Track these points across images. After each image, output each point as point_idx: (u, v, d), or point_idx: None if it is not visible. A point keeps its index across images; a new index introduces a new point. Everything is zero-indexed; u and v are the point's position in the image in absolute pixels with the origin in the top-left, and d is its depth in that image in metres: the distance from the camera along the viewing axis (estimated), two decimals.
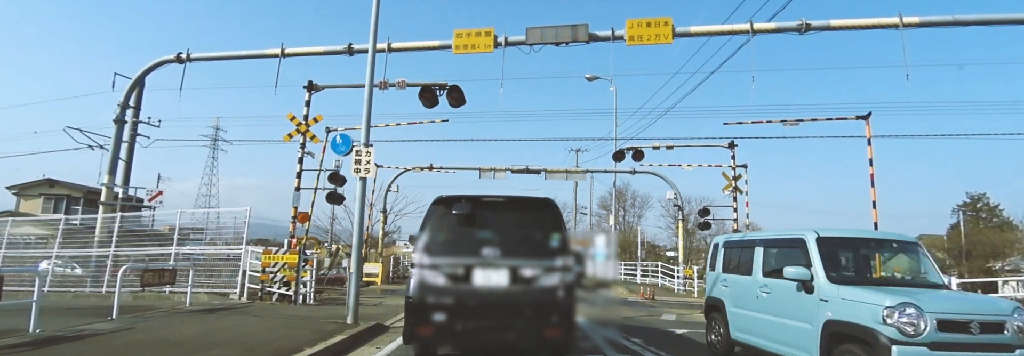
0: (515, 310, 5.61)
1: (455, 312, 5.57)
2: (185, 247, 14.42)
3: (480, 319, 5.63)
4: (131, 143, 19.26)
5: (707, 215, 21.71)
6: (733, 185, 21.94)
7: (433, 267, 5.72)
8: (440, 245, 5.90)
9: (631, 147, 22.32)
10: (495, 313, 5.64)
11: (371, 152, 9.96)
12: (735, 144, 22.30)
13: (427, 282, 5.68)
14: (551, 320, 5.57)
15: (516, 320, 5.62)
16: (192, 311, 10.69)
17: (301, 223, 15.62)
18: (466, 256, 5.78)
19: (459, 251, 5.85)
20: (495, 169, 26.55)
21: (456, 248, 5.89)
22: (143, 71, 17.49)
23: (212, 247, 14.31)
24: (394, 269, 26.90)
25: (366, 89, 10.03)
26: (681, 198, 26.08)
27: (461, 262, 5.73)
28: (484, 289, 5.63)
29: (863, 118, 14.57)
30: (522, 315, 5.60)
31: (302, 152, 16.25)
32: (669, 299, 20.43)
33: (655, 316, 13.59)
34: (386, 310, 12.48)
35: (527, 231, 6.13)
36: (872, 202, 14.14)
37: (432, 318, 5.54)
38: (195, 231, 15.58)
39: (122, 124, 17.65)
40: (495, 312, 5.64)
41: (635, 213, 65.53)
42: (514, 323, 5.63)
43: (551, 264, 5.70)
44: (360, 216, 9.87)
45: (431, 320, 5.55)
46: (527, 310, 5.60)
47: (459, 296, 5.62)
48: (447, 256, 5.80)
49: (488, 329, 5.66)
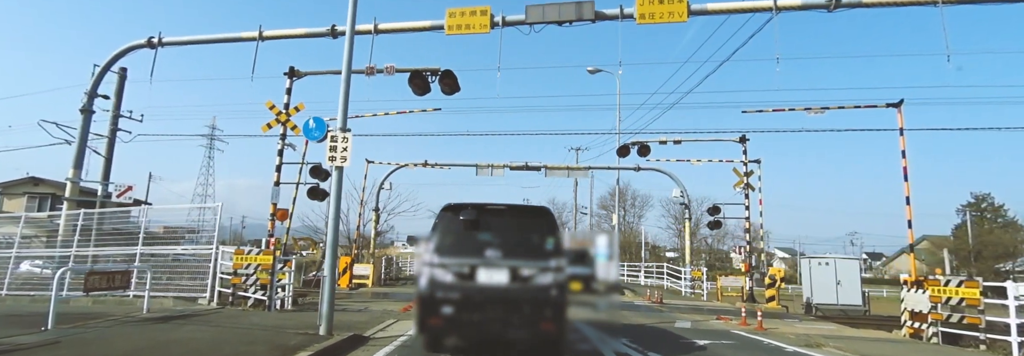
0: (514, 305, 6.17)
1: (461, 306, 6.13)
2: (153, 247, 13.11)
3: (483, 312, 6.18)
4: (111, 138, 18.28)
5: (717, 213, 20.48)
6: (745, 182, 20.72)
7: (442, 266, 6.31)
8: (448, 247, 6.51)
9: (636, 142, 21.11)
10: (496, 307, 6.18)
11: (349, 138, 8.69)
12: (747, 138, 21.12)
13: (437, 279, 6.25)
14: (546, 314, 6.13)
15: (514, 314, 6.16)
16: (145, 319, 9.40)
17: (280, 221, 14.35)
18: (471, 256, 6.38)
19: (465, 252, 6.46)
20: (493, 166, 25.35)
21: (462, 249, 6.51)
22: (112, 57, 16.20)
23: (181, 247, 13.02)
24: (387, 270, 25.58)
25: (344, 61, 8.75)
26: (688, 196, 24.82)
27: (467, 262, 6.32)
28: (487, 286, 6.22)
29: (895, 106, 13.31)
30: (520, 310, 6.16)
31: (282, 144, 15.00)
32: (678, 303, 19.17)
33: (668, 323, 12.33)
34: (370, 317, 11.20)
35: (525, 235, 6.85)
36: (906, 198, 12.89)
37: (441, 311, 6.10)
38: (190, 232, 14.43)
39: (89, 114, 16.37)
40: (496, 306, 6.18)
41: (635, 213, 64.42)
42: (513, 317, 6.16)
43: (546, 265, 6.31)
44: (335, 211, 8.60)
45: (440, 313, 6.09)
46: (524, 305, 6.17)
47: (465, 292, 6.18)
48: (454, 256, 6.38)
49: (490, 321, 6.21)
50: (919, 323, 11.59)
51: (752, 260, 20.71)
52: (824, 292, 19.08)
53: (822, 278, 19.26)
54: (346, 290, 20.69)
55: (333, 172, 8.72)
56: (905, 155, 13.03)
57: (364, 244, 26.47)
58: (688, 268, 24.16)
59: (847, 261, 19.72)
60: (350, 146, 8.69)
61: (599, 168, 25.65)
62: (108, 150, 18.37)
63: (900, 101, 13.32)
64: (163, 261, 13.23)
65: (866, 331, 13.10)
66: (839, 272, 19.26)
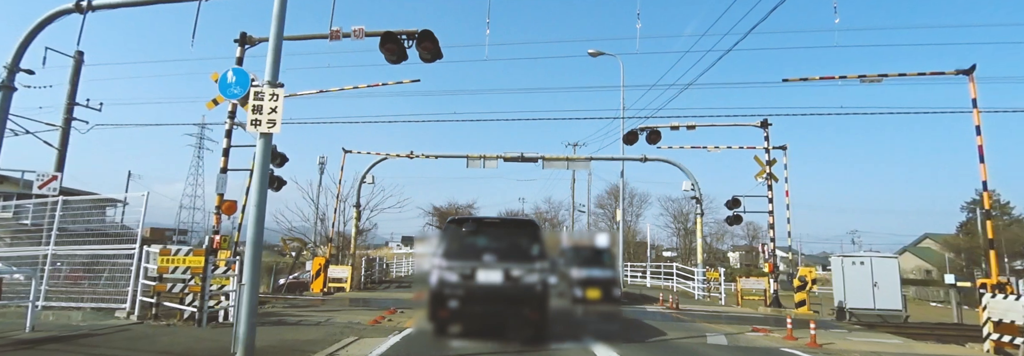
0: (506, 299, 7.92)
1: (464, 300, 7.79)
2: (65, 248, 10.71)
3: (482, 305, 7.90)
4: (66, 128, 16.79)
5: (737, 207, 18.20)
6: (767, 171, 18.46)
7: (449, 268, 7.93)
8: (453, 253, 8.16)
9: (645, 127, 18.82)
10: (492, 301, 7.92)
11: (279, 96, 6.35)
12: (769, 123, 18.86)
13: (445, 279, 7.87)
14: (532, 306, 7.89)
15: (507, 306, 7.97)
16: (10, 343, 7.03)
17: (227, 215, 11.95)
18: (472, 260, 8.08)
19: (467, 257, 8.14)
20: (485, 157, 23.04)
21: (465, 255, 8.19)
22: (36, 24, 13.69)
23: (101, 247, 10.58)
24: (368, 272, 23.13)
25: None
26: (699, 189, 22.54)
27: (469, 265, 7.98)
28: (484, 284, 7.90)
29: (965, 72, 11.06)
30: (511, 302, 7.92)
31: (231, 123, 12.63)
32: (696, 308, 16.87)
33: (697, 337, 10.03)
34: (326, 333, 8.85)
35: (515, 242, 8.55)
36: (983, 182, 10.66)
37: (448, 305, 7.78)
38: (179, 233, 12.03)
39: (8, 90, 13.91)
40: (492, 300, 7.91)
41: (633, 212, 62.18)
42: (506, 308, 7.98)
43: (532, 267, 8.00)
44: (259, 195, 6.23)
45: (447, 306, 7.78)
46: (514, 299, 7.89)
47: (467, 289, 7.85)
48: (458, 260, 8.03)
49: (487, 312, 8.04)
50: (1011, 336, 9.36)
51: (776, 260, 18.43)
52: (859, 295, 16.82)
53: (856, 279, 17.00)
54: (318, 295, 18.34)
55: (258, 142, 6.38)
56: (980, 132, 10.79)
57: (345, 244, 24.08)
58: (700, 268, 21.87)
59: (885, 260, 17.47)
60: (280, 107, 6.35)
61: (601, 159, 23.33)
62: (63, 142, 16.75)
63: (972, 67, 11.06)
64: (90, 264, 10.88)
65: (936, 346, 10.82)
66: (876, 272, 17.01)
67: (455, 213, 39.04)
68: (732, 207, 18.25)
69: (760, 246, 25.31)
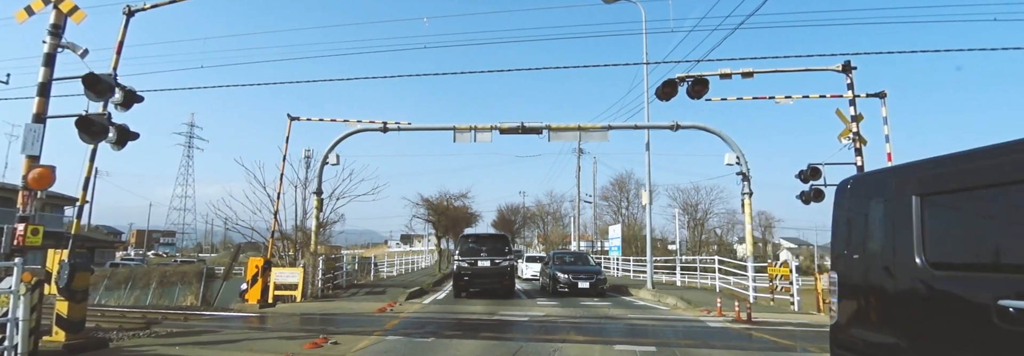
0: (493, 273, 16.86)
1: (471, 275, 16.79)
2: None
3: (481, 277, 16.85)
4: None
5: (817, 177, 13.43)
6: (853, 130, 13.75)
7: (462, 260, 16.93)
8: (465, 252, 17.32)
9: (688, 76, 14.09)
10: (485, 276, 16.86)
11: None
12: (853, 66, 14.09)
13: (461, 265, 16.85)
14: (507, 276, 17.12)
15: (493, 277, 16.86)
16: None
17: (38, 188, 7.21)
18: (474, 256, 17.03)
19: (471, 254, 17.12)
20: (477, 128, 18.35)
21: (471, 253, 17.19)
22: None
23: None
24: (329, 275, 18.14)
25: None
26: (746, 163, 17.80)
27: (473, 258, 16.94)
28: (482, 266, 16.81)
29: None
30: (496, 275, 16.89)
31: (52, 43, 7.88)
32: (772, 319, 12.08)
33: None
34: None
35: (495, 246, 17.68)
36: None
37: (463, 278, 16.80)
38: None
39: None
40: (485, 275, 16.85)
41: (638, 204, 57.43)
42: (493, 278, 16.87)
43: (504, 258, 17.12)
44: None
45: (463, 279, 16.83)
46: (496, 274, 16.90)
47: (473, 270, 16.78)
48: (467, 256, 17.02)
49: (484, 280, 16.92)
50: None
51: None
52: None
53: None
54: (255, 308, 13.64)
55: None
56: None
57: (305, 241, 19.26)
58: (751, 262, 17.01)
59: None
60: None
61: (621, 127, 18.56)
62: None
63: None
64: None
65: None
66: None
67: (447, 203, 34.97)
68: (809, 178, 13.48)
69: None
